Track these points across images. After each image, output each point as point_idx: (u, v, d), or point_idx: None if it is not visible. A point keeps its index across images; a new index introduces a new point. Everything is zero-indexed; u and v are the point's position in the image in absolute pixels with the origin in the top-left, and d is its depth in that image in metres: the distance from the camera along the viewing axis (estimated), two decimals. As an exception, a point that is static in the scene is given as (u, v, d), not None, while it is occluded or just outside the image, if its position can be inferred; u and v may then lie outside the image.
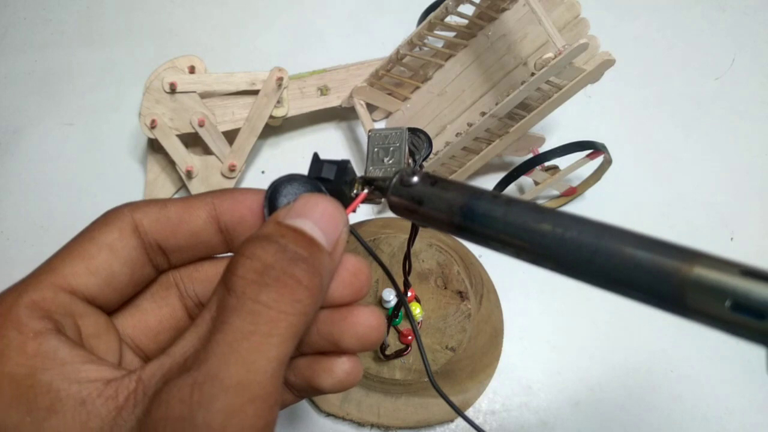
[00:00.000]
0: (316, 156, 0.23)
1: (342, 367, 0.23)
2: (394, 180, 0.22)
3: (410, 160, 0.25)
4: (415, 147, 0.26)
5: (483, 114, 0.48)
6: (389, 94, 0.60)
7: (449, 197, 0.20)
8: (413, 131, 0.26)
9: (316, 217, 0.20)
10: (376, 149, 0.25)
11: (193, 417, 0.17)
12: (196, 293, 0.24)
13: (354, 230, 0.23)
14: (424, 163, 0.27)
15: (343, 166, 0.23)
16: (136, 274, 0.22)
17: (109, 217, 0.21)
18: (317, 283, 0.19)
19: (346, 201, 0.23)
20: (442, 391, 0.33)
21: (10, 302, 0.19)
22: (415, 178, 0.21)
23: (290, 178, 0.22)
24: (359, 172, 0.24)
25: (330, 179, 0.23)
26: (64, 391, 0.18)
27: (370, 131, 0.26)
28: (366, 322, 0.22)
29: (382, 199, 0.24)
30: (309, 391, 0.23)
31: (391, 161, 0.25)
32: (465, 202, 0.20)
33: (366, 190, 0.24)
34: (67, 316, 0.20)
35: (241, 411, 0.17)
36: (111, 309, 0.22)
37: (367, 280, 0.23)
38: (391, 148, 0.25)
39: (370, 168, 0.25)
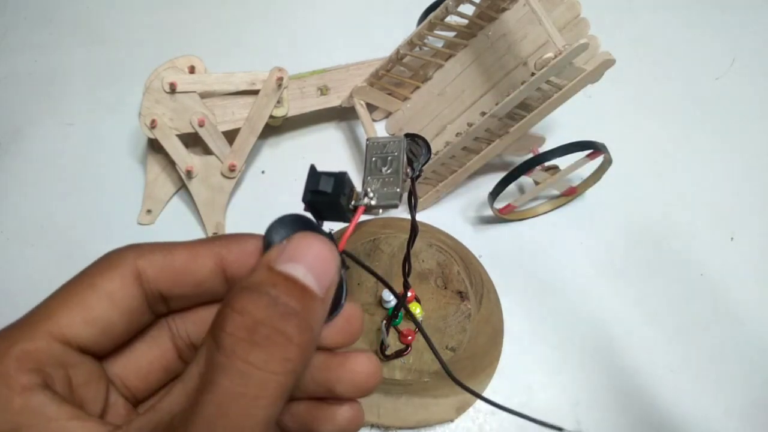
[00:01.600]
0: (313, 168, 0.23)
1: (344, 414, 0.22)
2: None
3: (408, 169, 0.25)
4: (413, 154, 0.26)
5: (483, 114, 0.48)
6: (389, 94, 0.60)
7: None
8: (411, 137, 0.26)
9: (310, 262, 0.19)
10: (374, 158, 0.25)
11: None
12: (188, 334, 0.23)
13: (349, 252, 0.23)
14: (423, 168, 0.27)
15: (340, 178, 0.22)
16: (133, 323, 0.21)
17: (111, 262, 0.21)
18: (308, 338, 0.18)
19: (344, 213, 0.23)
20: (458, 378, 0.32)
21: (2, 352, 0.19)
22: None
23: (290, 219, 0.22)
24: (358, 174, 0.24)
25: (327, 192, 0.22)
26: None
27: (368, 139, 0.25)
28: (362, 369, 0.22)
29: (380, 210, 0.23)
30: None
31: (389, 171, 0.24)
32: None
33: (364, 203, 0.23)
34: (58, 367, 0.19)
35: None
36: (103, 355, 0.21)
37: (360, 326, 0.22)
38: (390, 158, 0.25)
39: (368, 178, 0.24)
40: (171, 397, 0.18)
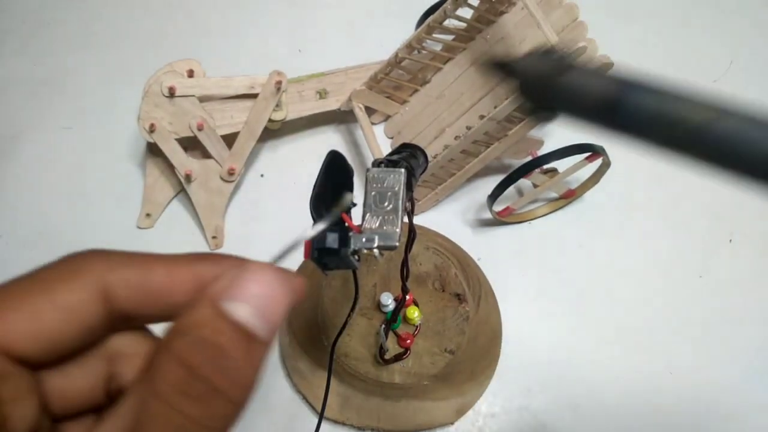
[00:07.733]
0: (315, 217, 0.23)
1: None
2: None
3: (408, 203, 0.26)
4: (412, 168, 0.26)
5: (482, 117, 0.48)
6: (388, 97, 0.60)
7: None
8: (410, 150, 0.26)
9: (257, 302, 0.18)
10: (373, 193, 0.25)
11: None
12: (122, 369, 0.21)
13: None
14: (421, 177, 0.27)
15: (344, 231, 0.23)
16: (87, 341, 0.19)
17: (76, 269, 0.19)
18: (247, 395, 0.18)
19: (348, 262, 0.24)
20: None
21: None
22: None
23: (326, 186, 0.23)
24: (359, 182, 0.24)
25: (334, 248, 0.22)
26: None
27: (367, 170, 0.26)
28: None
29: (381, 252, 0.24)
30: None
31: (390, 207, 0.25)
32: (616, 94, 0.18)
33: (365, 246, 0.24)
34: None
35: None
36: (44, 366, 0.19)
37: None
38: (389, 193, 0.25)
39: (368, 216, 0.25)
40: None
